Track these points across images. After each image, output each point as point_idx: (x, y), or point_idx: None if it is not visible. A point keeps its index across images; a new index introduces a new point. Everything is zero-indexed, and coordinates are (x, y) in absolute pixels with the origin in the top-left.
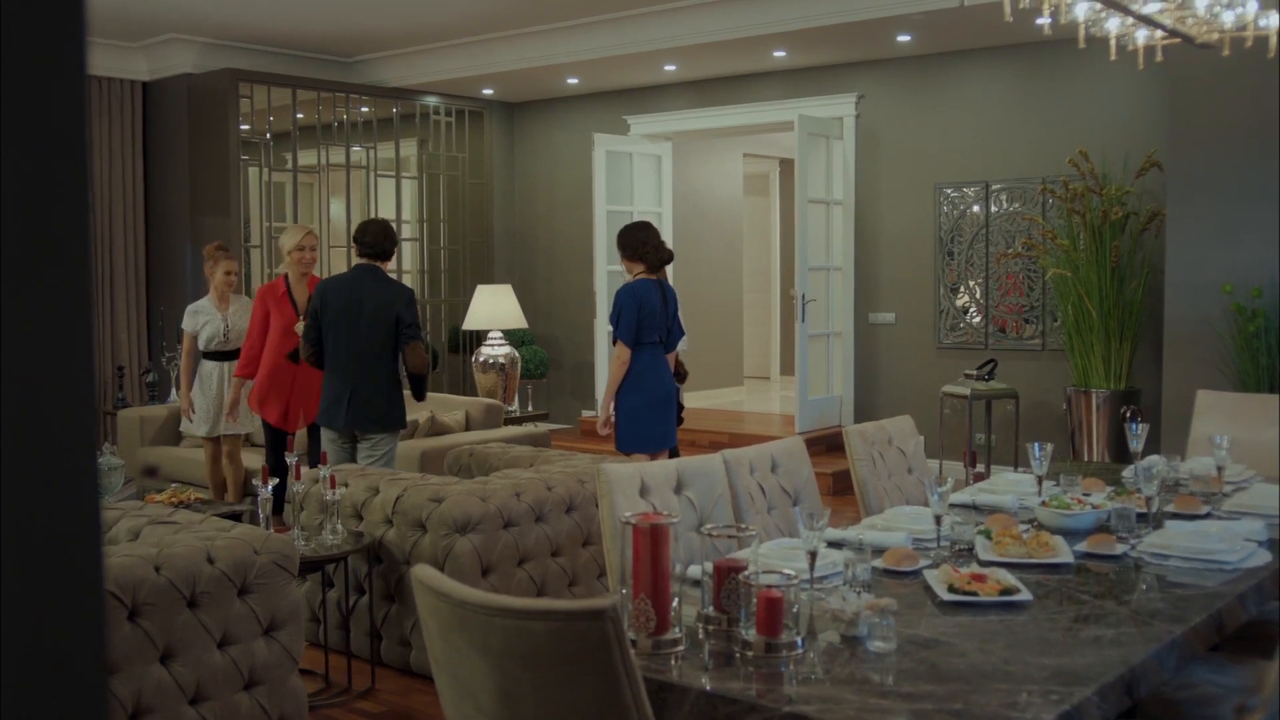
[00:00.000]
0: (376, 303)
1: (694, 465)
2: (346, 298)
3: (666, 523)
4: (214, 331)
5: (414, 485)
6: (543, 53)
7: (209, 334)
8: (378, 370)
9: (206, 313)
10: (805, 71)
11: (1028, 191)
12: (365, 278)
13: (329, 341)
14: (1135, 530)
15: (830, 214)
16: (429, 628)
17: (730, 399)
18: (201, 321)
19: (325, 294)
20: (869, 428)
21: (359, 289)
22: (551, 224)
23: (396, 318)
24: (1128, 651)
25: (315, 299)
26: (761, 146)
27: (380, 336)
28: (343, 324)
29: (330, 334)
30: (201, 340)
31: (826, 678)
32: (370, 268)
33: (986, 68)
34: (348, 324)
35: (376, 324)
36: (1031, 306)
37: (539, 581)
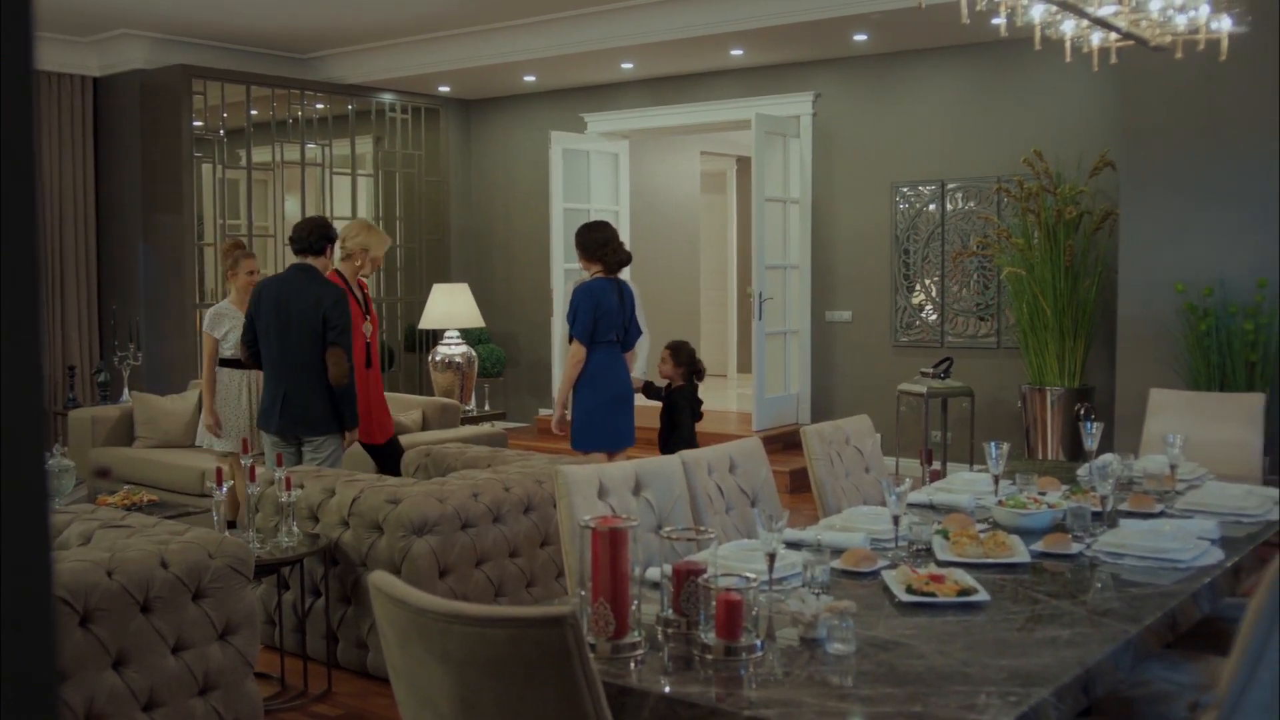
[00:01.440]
0: (305, 302)
1: (652, 466)
2: (276, 297)
3: (625, 526)
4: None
5: (370, 486)
6: (499, 50)
7: (235, 339)
8: (308, 371)
9: (232, 316)
10: (762, 70)
11: (983, 191)
12: (298, 277)
13: (262, 343)
14: (1090, 529)
15: (787, 212)
16: (387, 636)
17: None
18: (227, 326)
19: (259, 294)
20: (826, 427)
21: (289, 289)
22: (508, 222)
23: (324, 318)
24: (1084, 652)
25: (251, 299)
26: (719, 145)
27: (307, 338)
28: (273, 325)
29: (263, 335)
30: (226, 347)
31: (786, 680)
32: (303, 266)
33: (942, 67)
34: (278, 325)
35: (304, 324)
36: (987, 305)
37: (497, 582)
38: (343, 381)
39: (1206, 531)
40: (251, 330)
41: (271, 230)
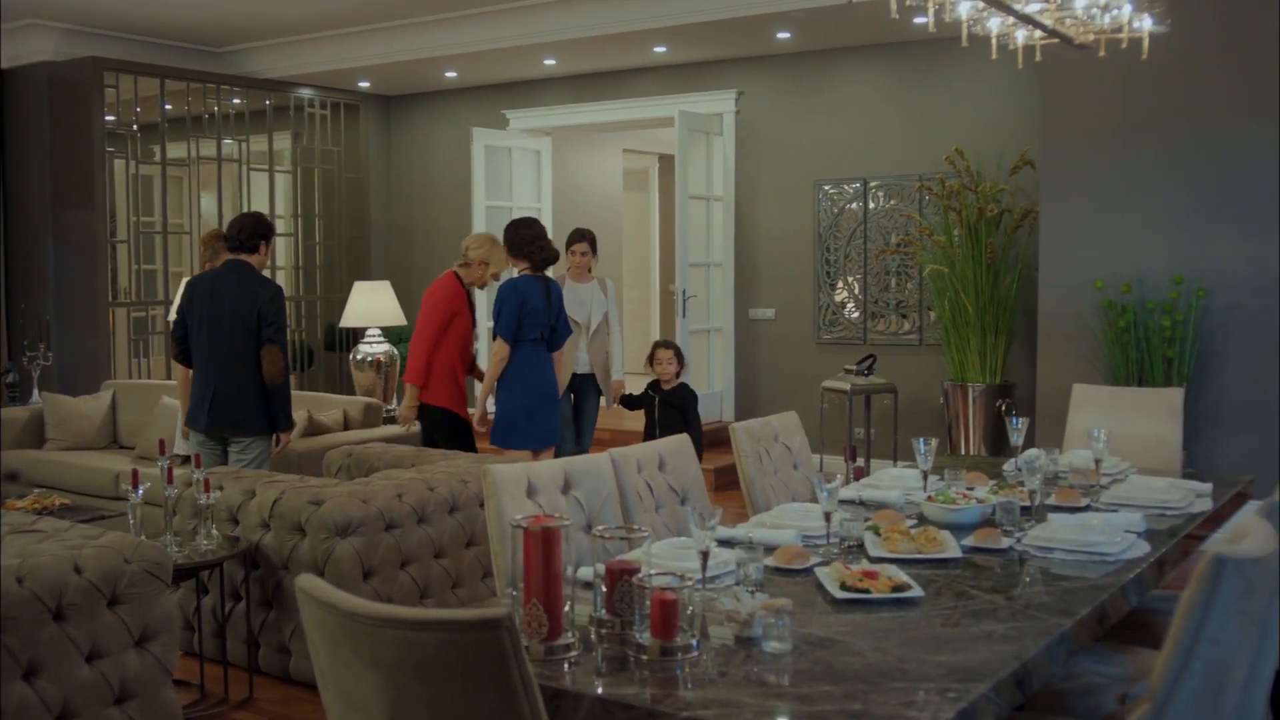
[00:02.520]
0: (237, 299)
1: (581, 465)
2: (209, 294)
3: (558, 525)
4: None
5: (292, 487)
6: (420, 45)
7: None
8: (238, 369)
9: None
10: (686, 67)
11: (905, 189)
12: (231, 274)
13: (193, 340)
14: (1019, 524)
15: (710, 210)
16: (314, 641)
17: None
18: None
19: (192, 290)
20: (755, 424)
21: (220, 285)
22: (429, 219)
23: (258, 315)
24: (1020, 646)
25: (183, 295)
26: (641, 142)
27: (240, 335)
28: (204, 321)
29: (193, 332)
30: None
31: (723, 680)
32: (237, 263)
33: (865, 66)
34: (209, 321)
35: (236, 321)
36: (909, 302)
37: (422, 584)
38: (278, 380)
39: (1133, 525)
40: (182, 326)
41: (187, 228)
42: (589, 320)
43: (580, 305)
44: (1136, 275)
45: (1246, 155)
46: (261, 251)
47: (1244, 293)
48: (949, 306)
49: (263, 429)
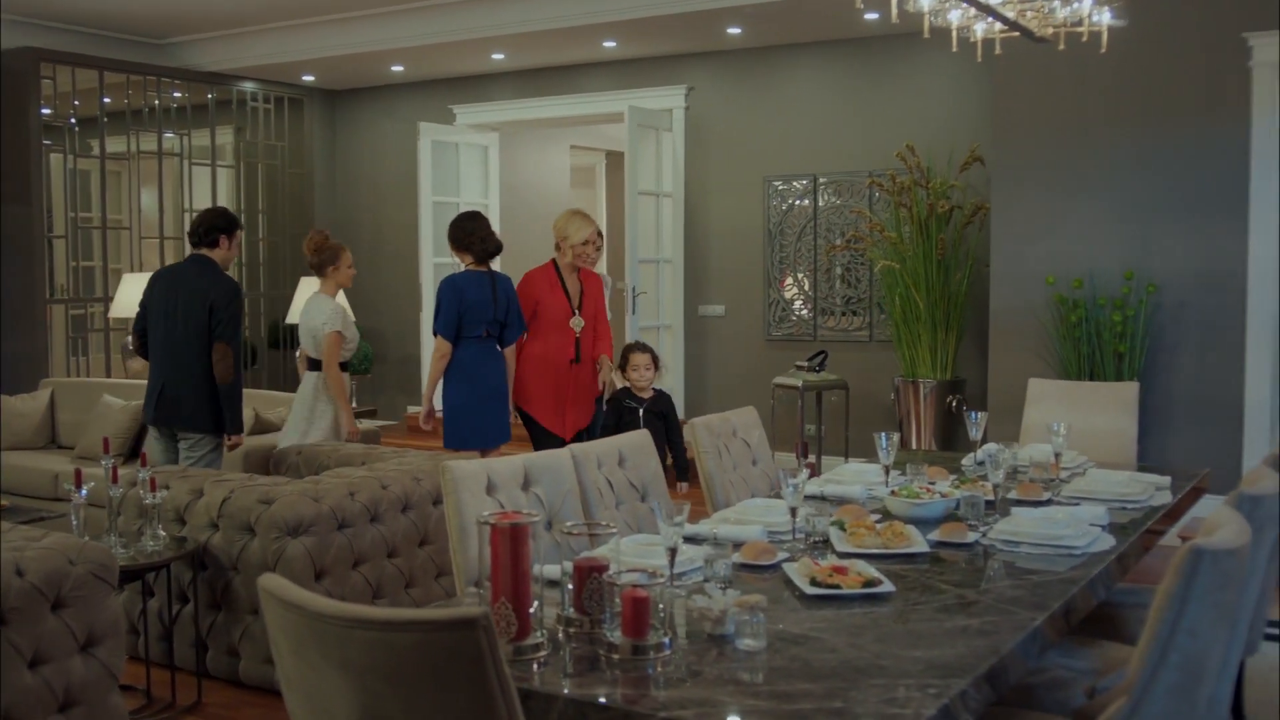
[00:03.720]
0: (191, 293)
1: (542, 461)
2: (166, 287)
3: (527, 522)
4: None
5: (241, 486)
6: (366, 38)
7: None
8: (188, 365)
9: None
10: (635, 63)
11: (855, 185)
12: (190, 268)
13: (150, 333)
14: (984, 518)
15: (660, 206)
16: (279, 644)
17: None
18: (349, 322)
19: (152, 283)
20: (714, 420)
21: (179, 279)
22: (376, 215)
23: (210, 310)
24: (996, 641)
25: (145, 288)
26: (588, 139)
27: (191, 329)
28: (160, 315)
29: (150, 325)
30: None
31: (698, 679)
32: (197, 258)
33: (815, 62)
34: (164, 315)
35: (189, 316)
36: (859, 298)
37: (375, 584)
38: (227, 379)
39: (1097, 518)
40: (142, 320)
41: (126, 223)
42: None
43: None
44: (1088, 271)
45: (1195, 152)
46: (223, 246)
47: (1193, 288)
48: (900, 302)
49: (210, 427)
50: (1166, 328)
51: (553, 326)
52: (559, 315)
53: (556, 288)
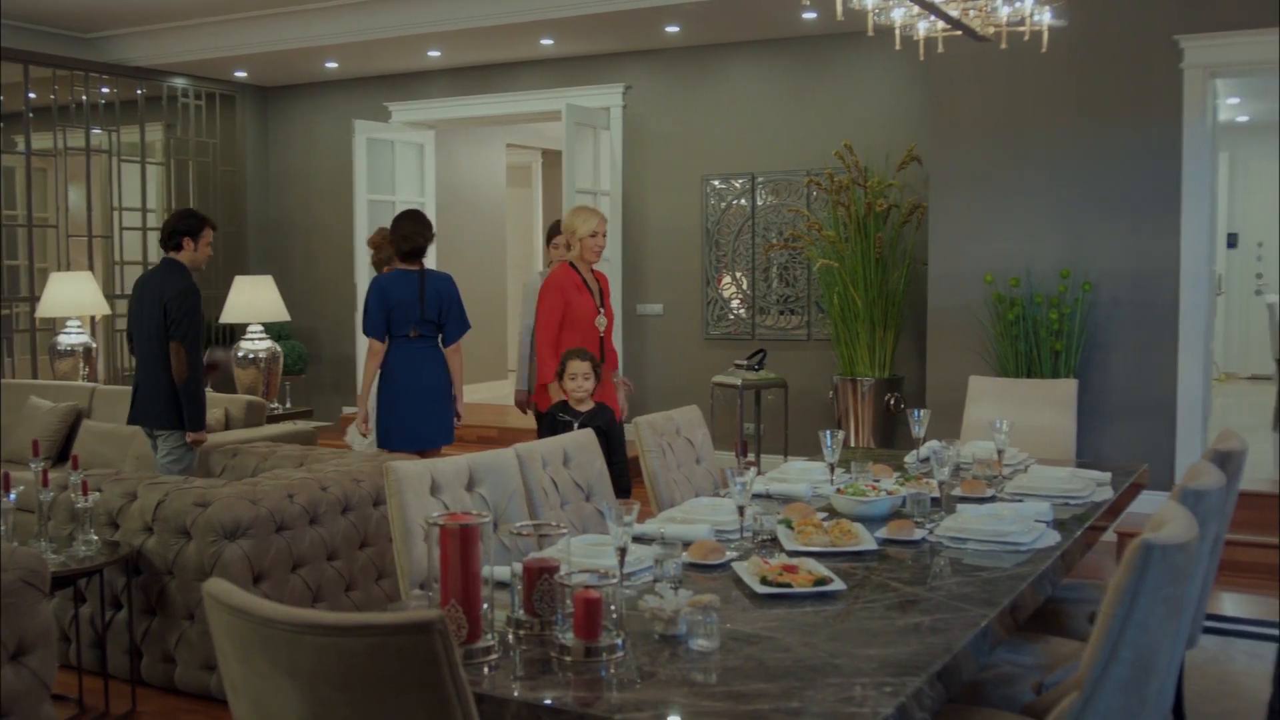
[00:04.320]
0: (152, 296)
1: (486, 461)
2: (137, 291)
3: (477, 523)
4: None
5: (176, 489)
6: (299, 34)
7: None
8: (152, 365)
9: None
10: (573, 61)
11: (793, 184)
12: (157, 271)
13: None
14: (930, 515)
15: (597, 204)
16: (225, 650)
17: (496, 392)
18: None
19: (133, 288)
20: (658, 419)
21: (147, 282)
22: (309, 213)
23: (165, 310)
24: (949, 638)
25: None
26: (524, 137)
27: (152, 329)
28: (134, 318)
29: (130, 328)
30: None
31: (652, 680)
32: (165, 261)
33: (753, 61)
34: (136, 318)
35: (150, 317)
36: (797, 297)
37: (314, 587)
38: (182, 376)
39: (1041, 514)
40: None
41: (53, 221)
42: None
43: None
44: (1024, 269)
45: (1129, 152)
46: (187, 248)
47: (1127, 287)
48: (838, 301)
49: (177, 424)
50: (1101, 325)
51: (581, 328)
52: (587, 315)
53: (582, 288)
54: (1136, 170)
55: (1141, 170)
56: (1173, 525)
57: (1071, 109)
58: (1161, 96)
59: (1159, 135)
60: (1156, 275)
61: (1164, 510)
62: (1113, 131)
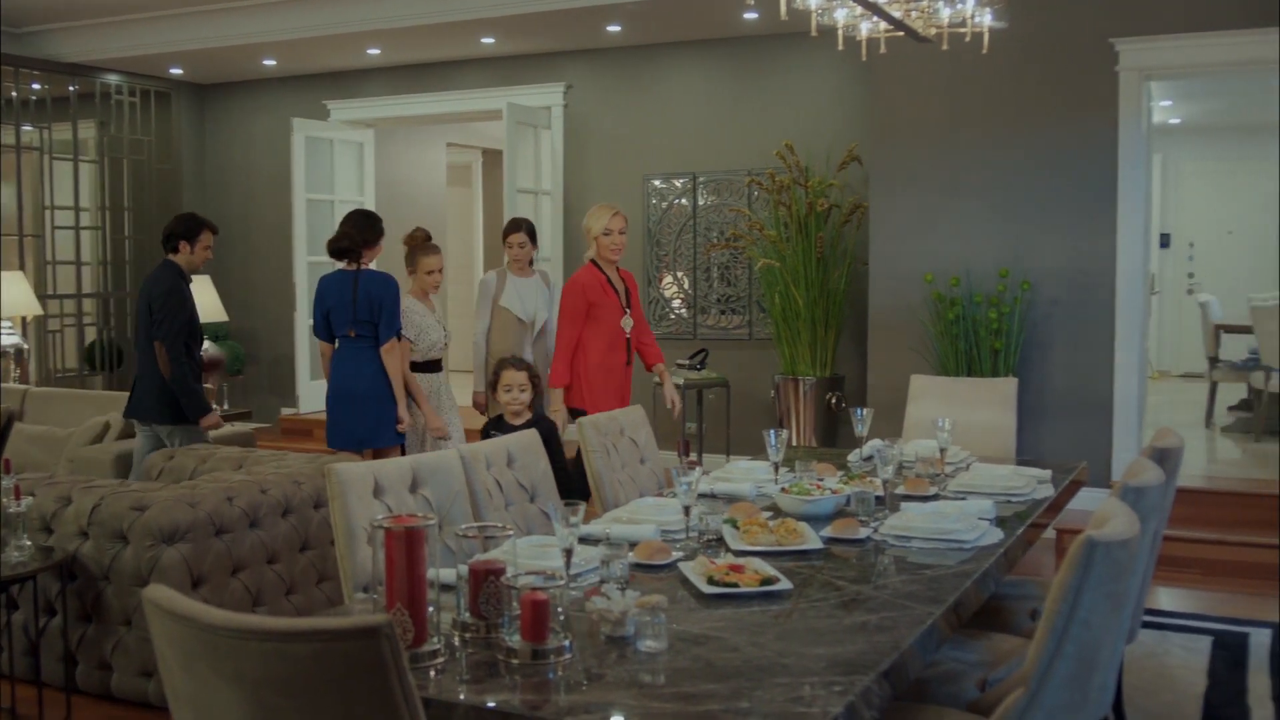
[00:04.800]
0: (144, 294)
1: (430, 462)
2: (140, 292)
3: (423, 525)
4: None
5: (112, 493)
6: (236, 31)
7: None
8: (144, 362)
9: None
10: (513, 59)
11: (734, 184)
12: (154, 271)
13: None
14: (874, 514)
15: (539, 204)
16: (167, 658)
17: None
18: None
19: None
20: (601, 419)
21: (145, 281)
22: (247, 213)
23: (149, 309)
24: (896, 636)
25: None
26: (465, 136)
27: (144, 326)
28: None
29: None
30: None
31: (600, 683)
32: (163, 260)
33: (694, 60)
34: (136, 317)
35: (141, 317)
36: (738, 297)
37: (255, 591)
38: (167, 372)
39: (984, 512)
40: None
41: None
42: (533, 317)
43: (522, 302)
44: (964, 269)
45: (1066, 154)
46: (184, 251)
47: (1065, 286)
48: (779, 300)
49: (169, 418)
50: (1040, 325)
51: (608, 328)
52: (612, 316)
53: (608, 288)
54: (1073, 171)
55: (1078, 171)
56: (1115, 522)
57: (1010, 110)
58: (1098, 99)
59: (1095, 137)
60: (1093, 275)
61: (1106, 507)
62: (1050, 133)
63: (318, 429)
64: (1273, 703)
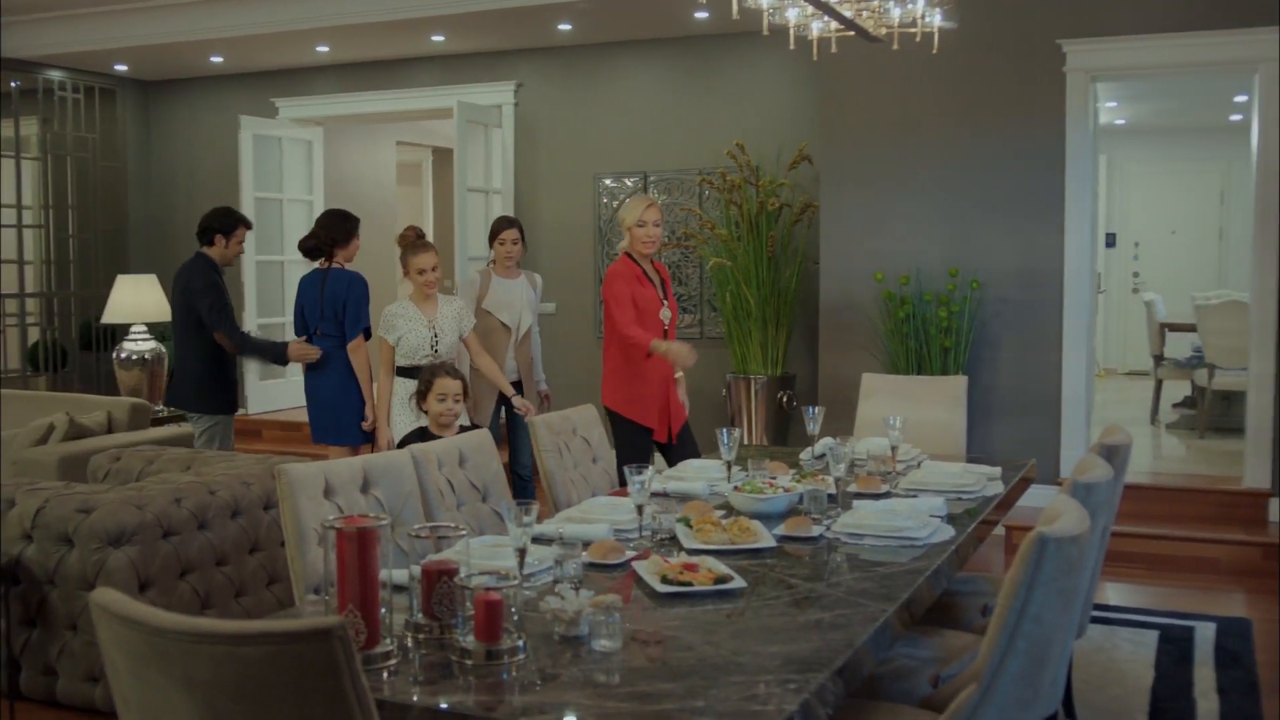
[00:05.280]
0: (179, 286)
1: (381, 462)
2: (173, 284)
3: (375, 525)
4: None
5: (57, 495)
6: (183, 27)
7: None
8: (181, 352)
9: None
10: (464, 58)
11: (685, 183)
12: (187, 263)
13: None
14: (826, 511)
15: (490, 203)
16: (115, 663)
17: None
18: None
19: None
20: (554, 418)
21: (177, 273)
22: (193, 211)
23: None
24: (850, 633)
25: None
26: (415, 135)
27: (180, 318)
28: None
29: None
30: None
31: (556, 683)
32: (196, 253)
33: (645, 59)
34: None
35: (177, 306)
36: (689, 296)
37: (204, 594)
38: (235, 351)
39: (936, 509)
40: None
41: None
42: (517, 322)
43: (507, 305)
44: (914, 268)
45: (1015, 154)
46: (218, 244)
47: (1014, 285)
48: (731, 299)
49: (202, 408)
50: (989, 323)
51: (646, 321)
52: (651, 308)
53: (644, 280)
54: (1022, 171)
55: (1027, 171)
56: (1066, 518)
57: (959, 110)
58: (1046, 99)
59: (1043, 137)
60: (1041, 274)
61: (1056, 503)
62: (999, 133)
63: (266, 430)
64: (1218, 695)
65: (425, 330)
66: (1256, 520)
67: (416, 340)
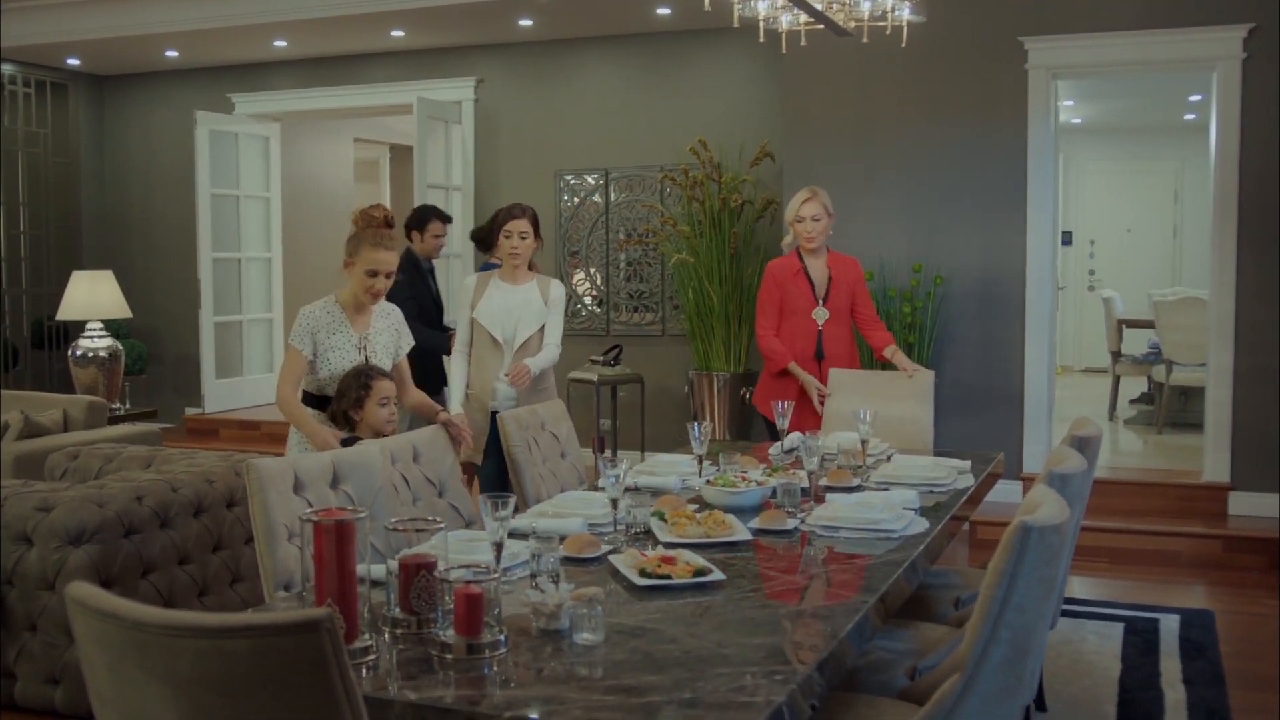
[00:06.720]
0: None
1: (350, 457)
2: None
3: (353, 518)
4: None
5: (15, 494)
6: (137, 21)
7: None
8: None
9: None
10: (424, 53)
11: (647, 179)
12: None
13: None
14: (800, 505)
15: (450, 199)
16: (93, 659)
17: None
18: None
19: None
20: (522, 413)
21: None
22: (149, 207)
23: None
24: (833, 625)
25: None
26: (372, 131)
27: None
28: None
29: None
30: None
31: (539, 677)
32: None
33: (606, 56)
34: None
35: None
36: (651, 293)
37: (166, 593)
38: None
39: (909, 502)
40: None
41: None
42: (512, 336)
43: (502, 316)
44: (878, 263)
45: (978, 150)
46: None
47: (977, 281)
48: (693, 296)
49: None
50: (953, 319)
51: (794, 319)
52: (801, 305)
53: (800, 275)
54: (985, 168)
55: (990, 168)
56: (1046, 507)
57: (922, 107)
58: (1008, 97)
59: (1005, 134)
60: (1004, 270)
61: (1035, 493)
62: (962, 129)
63: (224, 429)
64: (1184, 685)
65: (352, 350)
66: (1216, 514)
67: (339, 362)
